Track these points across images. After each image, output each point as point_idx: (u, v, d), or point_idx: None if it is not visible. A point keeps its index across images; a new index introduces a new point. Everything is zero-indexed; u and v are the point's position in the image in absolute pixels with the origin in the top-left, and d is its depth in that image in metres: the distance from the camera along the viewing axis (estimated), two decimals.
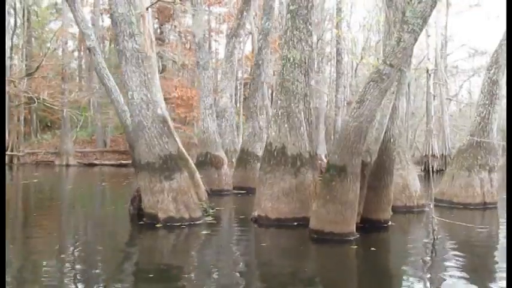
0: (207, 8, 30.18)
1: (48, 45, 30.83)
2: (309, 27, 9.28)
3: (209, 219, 9.41)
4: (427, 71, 34.69)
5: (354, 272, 6.53)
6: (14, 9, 30.19)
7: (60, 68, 29.51)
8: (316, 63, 25.24)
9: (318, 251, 7.59)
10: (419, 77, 40.75)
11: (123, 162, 28.76)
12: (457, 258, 6.89)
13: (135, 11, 8.95)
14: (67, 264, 6.40)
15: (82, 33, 11.16)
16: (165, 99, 22.23)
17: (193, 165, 10.26)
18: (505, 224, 10.68)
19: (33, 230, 8.89)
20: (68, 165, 28.09)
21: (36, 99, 26.54)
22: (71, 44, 36.45)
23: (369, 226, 8.76)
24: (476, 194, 12.39)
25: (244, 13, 17.29)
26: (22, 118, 30.19)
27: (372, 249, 7.26)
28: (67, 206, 12.26)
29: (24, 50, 30.75)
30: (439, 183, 13.65)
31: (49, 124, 35.43)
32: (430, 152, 32.81)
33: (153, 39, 10.69)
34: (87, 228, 9.62)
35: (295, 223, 8.88)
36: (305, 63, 9.21)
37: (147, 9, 9.66)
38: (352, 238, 7.62)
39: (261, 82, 16.41)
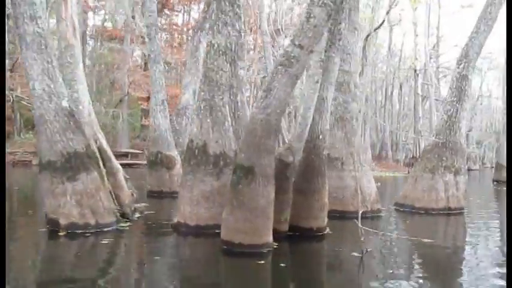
0: None
1: None
2: (237, 10, 8.05)
3: (123, 225, 8.22)
4: (415, 71, 33.39)
5: None
6: None
7: None
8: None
9: (225, 266, 6.35)
10: (410, 77, 39.43)
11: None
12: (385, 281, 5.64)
13: None
14: None
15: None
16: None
17: (116, 165, 9.07)
18: (468, 233, 9.47)
19: None
20: None
21: (12, 97, 25.58)
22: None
23: (299, 235, 7.56)
24: (440, 198, 11.13)
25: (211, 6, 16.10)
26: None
27: (282, 265, 6.04)
28: None
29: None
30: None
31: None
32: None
33: (77, 26, 9.55)
34: None
35: (217, 231, 7.63)
36: (231, 50, 7.98)
37: None
38: (265, 250, 6.38)
39: None
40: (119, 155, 24.13)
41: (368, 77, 35.67)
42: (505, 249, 7.32)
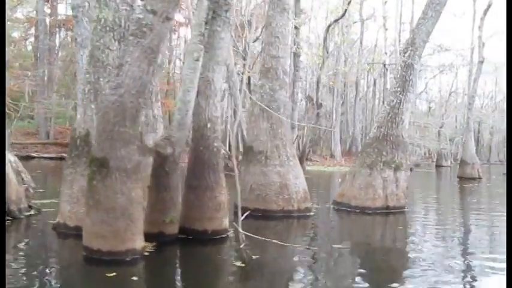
0: None
1: None
2: None
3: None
4: (384, 66, 32.42)
5: None
6: None
7: None
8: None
9: (73, 278, 5.14)
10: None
11: (64, 155, 26.33)
12: None
13: None
14: None
15: None
16: None
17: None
18: (394, 236, 8.43)
19: None
20: None
21: None
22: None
23: (192, 239, 6.45)
24: (377, 196, 10.08)
25: None
26: None
27: (134, 278, 4.90)
28: None
29: None
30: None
31: None
32: None
33: None
34: None
35: None
36: (120, 26, 6.81)
37: None
38: (129, 258, 5.24)
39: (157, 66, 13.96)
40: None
41: (339, 71, 34.74)
42: (424, 255, 6.29)
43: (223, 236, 6.72)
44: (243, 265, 5.29)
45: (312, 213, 9.38)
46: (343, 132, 39.11)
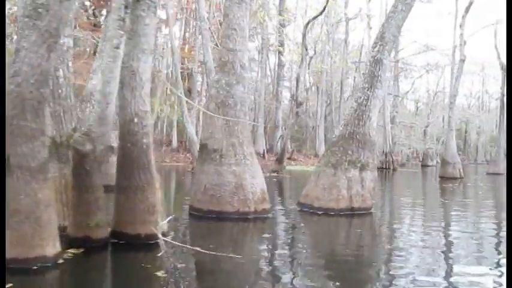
0: None
1: None
2: None
3: None
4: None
5: None
6: None
7: None
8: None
9: None
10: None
11: None
12: None
13: None
14: None
15: None
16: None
17: None
18: (348, 239, 7.93)
19: None
20: None
21: None
22: None
23: (125, 244, 5.89)
24: (341, 197, 9.54)
25: None
26: None
27: None
28: None
29: None
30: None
31: None
32: None
33: None
34: None
35: None
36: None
37: None
38: (36, 267, 4.66)
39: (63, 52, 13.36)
40: None
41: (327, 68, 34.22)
42: (380, 264, 5.77)
43: (158, 241, 6.14)
44: (165, 275, 4.73)
45: (269, 215, 8.83)
46: (330, 132, 38.56)
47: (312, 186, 10.07)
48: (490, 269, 5.61)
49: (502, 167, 29.48)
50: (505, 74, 28.96)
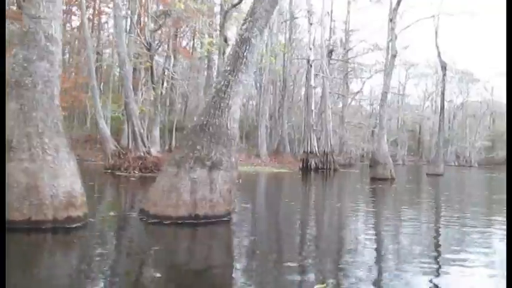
0: None
1: None
2: None
3: None
4: (308, 62, 30.36)
5: None
6: None
7: None
8: None
9: None
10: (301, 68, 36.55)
11: None
12: None
13: None
14: None
15: None
16: None
17: None
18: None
19: None
20: None
21: None
22: None
23: None
24: (182, 202, 7.67)
25: None
26: None
27: None
28: None
29: None
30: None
31: None
32: (309, 149, 28.70)
33: None
34: None
35: None
36: None
37: None
38: None
39: None
40: None
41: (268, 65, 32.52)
42: None
43: None
44: None
45: (79, 224, 6.88)
46: (276, 131, 36.97)
47: (154, 189, 8.18)
48: None
49: (442, 167, 28.43)
50: (443, 74, 27.89)
